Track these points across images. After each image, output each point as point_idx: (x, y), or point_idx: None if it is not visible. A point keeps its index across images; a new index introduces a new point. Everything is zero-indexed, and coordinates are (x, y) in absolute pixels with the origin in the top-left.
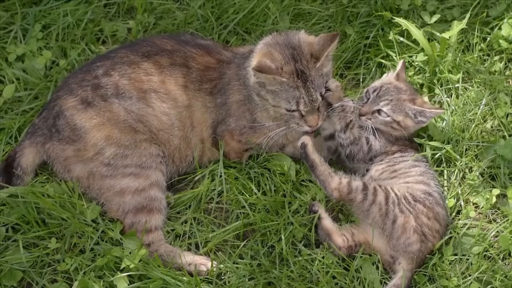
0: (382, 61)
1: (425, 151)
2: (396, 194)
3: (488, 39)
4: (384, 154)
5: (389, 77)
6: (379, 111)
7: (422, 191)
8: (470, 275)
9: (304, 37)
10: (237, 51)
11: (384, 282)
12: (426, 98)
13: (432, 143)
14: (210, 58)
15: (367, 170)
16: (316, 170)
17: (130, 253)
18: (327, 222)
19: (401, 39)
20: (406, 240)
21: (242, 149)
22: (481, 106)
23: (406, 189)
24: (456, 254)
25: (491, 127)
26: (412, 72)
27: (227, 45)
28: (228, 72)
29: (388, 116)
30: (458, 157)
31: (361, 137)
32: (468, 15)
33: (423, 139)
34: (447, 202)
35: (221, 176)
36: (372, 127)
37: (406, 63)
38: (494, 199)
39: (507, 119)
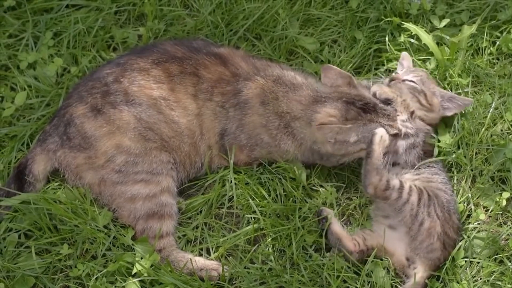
0: (392, 66)
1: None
2: (429, 195)
3: (498, 43)
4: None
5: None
6: (409, 80)
7: (444, 199)
8: (480, 278)
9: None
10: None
11: (395, 286)
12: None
13: (441, 144)
14: (225, 69)
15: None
16: (369, 159)
17: (141, 258)
18: (337, 226)
19: (412, 40)
20: (429, 245)
21: (251, 162)
22: (491, 110)
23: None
24: (466, 257)
25: (501, 130)
26: None
27: (250, 56)
28: (245, 91)
29: (417, 84)
30: (468, 162)
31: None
32: (479, 20)
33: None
34: (457, 206)
35: (231, 182)
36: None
37: (417, 67)
38: (504, 202)
39: None
